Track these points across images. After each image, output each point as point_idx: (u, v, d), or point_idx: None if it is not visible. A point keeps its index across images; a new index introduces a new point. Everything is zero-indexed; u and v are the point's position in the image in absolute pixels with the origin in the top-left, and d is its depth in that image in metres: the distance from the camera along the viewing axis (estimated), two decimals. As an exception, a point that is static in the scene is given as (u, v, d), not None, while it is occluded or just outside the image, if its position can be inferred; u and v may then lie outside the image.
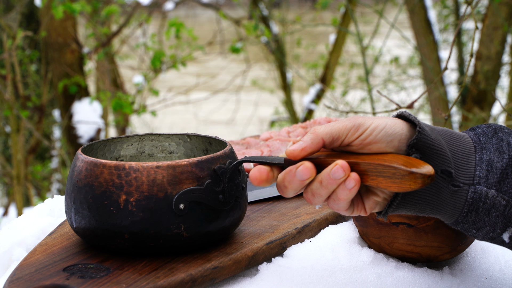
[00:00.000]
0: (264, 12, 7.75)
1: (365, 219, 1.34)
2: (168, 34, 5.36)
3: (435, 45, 6.42)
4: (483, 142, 1.21)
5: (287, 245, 1.41)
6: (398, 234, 1.36)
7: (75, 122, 5.54)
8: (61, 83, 5.40)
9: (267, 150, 1.99)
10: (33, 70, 7.39)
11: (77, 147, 5.63)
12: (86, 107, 5.59)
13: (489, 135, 1.22)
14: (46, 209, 1.73)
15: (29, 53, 5.71)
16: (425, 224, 1.35)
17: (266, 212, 1.54)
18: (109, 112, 8.05)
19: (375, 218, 1.34)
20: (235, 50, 5.84)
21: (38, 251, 1.35)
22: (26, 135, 7.11)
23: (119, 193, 1.26)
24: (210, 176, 1.29)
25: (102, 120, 5.75)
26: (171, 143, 1.55)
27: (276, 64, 8.50)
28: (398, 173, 1.15)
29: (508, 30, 4.13)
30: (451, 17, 8.73)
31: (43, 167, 7.91)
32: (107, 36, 5.97)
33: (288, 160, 1.27)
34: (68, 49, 5.46)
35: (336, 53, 6.90)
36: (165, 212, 1.26)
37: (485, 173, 1.18)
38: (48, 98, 6.09)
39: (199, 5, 11.83)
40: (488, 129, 1.23)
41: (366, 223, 1.35)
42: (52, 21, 5.30)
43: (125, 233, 1.26)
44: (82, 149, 1.38)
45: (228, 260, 1.29)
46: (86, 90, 5.69)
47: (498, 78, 4.59)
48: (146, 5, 8.56)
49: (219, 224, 1.31)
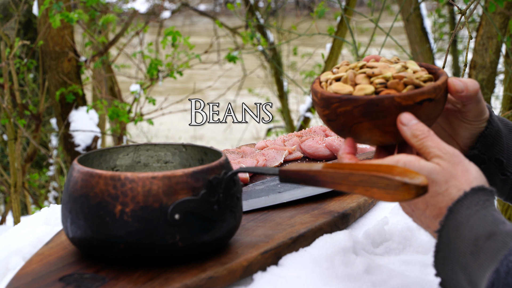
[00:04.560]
0: (260, 20, 7.77)
1: (384, 109, 1.28)
2: (165, 43, 5.37)
3: (430, 54, 6.44)
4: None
5: (281, 254, 1.41)
6: (420, 112, 1.31)
7: (72, 130, 5.55)
8: (58, 91, 5.40)
9: (263, 159, 2.00)
10: (31, 78, 7.39)
11: (74, 155, 5.63)
12: (83, 115, 5.59)
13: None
14: (43, 218, 1.74)
15: (27, 62, 5.71)
16: (441, 94, 1.33)
17: (261, 222, 1.55)
18: (106, 121, 8.07)
19: (398, 104, 1.29)
20: (231, 58, 5.85)
21: (34, 260, 1.35)
22: (24, 143, 7.11)
23: (115, 203, 1.27)
24: (205, 186, 1.30)
25: (98, 128, 5.75)
26: (166, 153, 1.56)
27: (272, 72, 8.51)
28: (392, 184, 1.16)
29: (502, 39, 4.15)
30: (446, 26, 8.76)
31: (40, 175, 7.91)
32: (104, 44, 5.98)
33: (283, 171, 1.29)
34: (65, 57, 5.46)
35: (332, 62, 6.91)
36: (160, 223, 1.27)
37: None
38: (45, 106, 6.09)
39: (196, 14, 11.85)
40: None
41: (385, 112, 1.29)
42: (49, 30, 5.31)
43: (121, 243, 1.27)
44: (78, 159, 1.39)
45: (223, 270, 1.30)
46: (83, 98, 5.69)
47: (493, 87, 4.60)
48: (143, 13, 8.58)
49: (214, 234, 1.32)
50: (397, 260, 1.49)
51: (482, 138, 1.39)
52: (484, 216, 1.16)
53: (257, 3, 8.75)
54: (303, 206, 1.66)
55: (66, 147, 5.67)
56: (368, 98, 1.27)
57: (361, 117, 1.28)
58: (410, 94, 1.28)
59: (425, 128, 1.24)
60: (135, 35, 6.55)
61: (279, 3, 9.96)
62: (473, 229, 1.15)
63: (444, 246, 1.18)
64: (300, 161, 2.06)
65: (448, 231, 1.18)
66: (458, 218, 1.17)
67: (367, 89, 1.29)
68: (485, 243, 1.12)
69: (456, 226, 1.17)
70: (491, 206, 1.18)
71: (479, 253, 1.12)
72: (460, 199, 1.19)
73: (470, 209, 1.17)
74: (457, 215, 1.17)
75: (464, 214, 1.17)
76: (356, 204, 1.69)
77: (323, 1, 5.87)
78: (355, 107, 1.27)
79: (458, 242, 1.15)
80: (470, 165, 1.23)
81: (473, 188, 1.19)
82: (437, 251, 1.20)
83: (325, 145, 2.06)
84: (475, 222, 1.15)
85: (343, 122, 1.30)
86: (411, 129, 1.24)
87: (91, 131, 5.54)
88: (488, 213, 1.17)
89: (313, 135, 2.13)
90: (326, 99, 1.30)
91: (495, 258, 1.09)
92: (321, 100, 1.31)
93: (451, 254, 1.17)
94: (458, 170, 1.21)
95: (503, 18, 4.41)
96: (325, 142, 2.07)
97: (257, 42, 6.05)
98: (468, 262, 1.13)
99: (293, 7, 15.20)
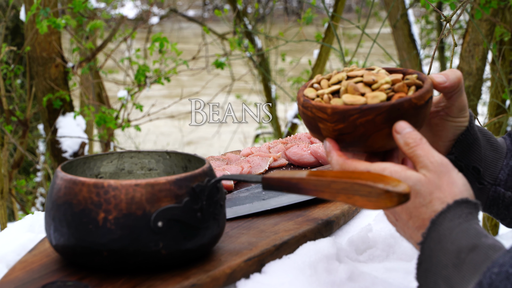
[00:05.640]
0: (248, 27, 7.78)
1: (404, 112, 1.27)
2: (152, 49, 5.37)
3: (418, 60, 6.46)
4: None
5: (265, 262, 1.42)
6: (426, 111, 1.33)
7: (59, 136, 5.53)
8: (46, 97, 5.39)
9: (247, 166, 2.00)
10: (18, 84, 7.37)
11: (61, 162, 5.61)
12: (70, 121, 5.58)
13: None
14: (27, 225, 1.74)
15: (14, 68, 5.69)
16: None
17: (245, 229, 1.56)
18: (93, 127, 8.04)
19: (414, 105, 1.31)
20: (219, 64, 5.85)
21: (17, 268, 1.35)
22: (10, 149, 7.08)
23: (98, 211, 1.27)
24: (189, 194, 1.30)
25: (86, 134, 5.74)
26: (150, 160, 1.56)
27: (260, 78, 8.52)
28: (374, 192, 1.17)
29: (488, 46, 4.17)
30: (434, 32, 8.79)
31: (27, 181, 7.88)
32: (91, 50, 5.97)
33: (266, 179, 1.29)
34: (53, 63, 5.45)
35: (319, 68, 6.93)
36: (143, 230, 1.27)
37: (505, 177, 1.41)
38: (33, 112, 6.07)
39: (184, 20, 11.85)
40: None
41: (404, 115, 1.28)
42: (36, 36, 5.29)
43: (104, 251, 1.27)
44: (61, 166, 1.39)
45: (206, 278, 1.30)
46: (71, 104, 5.68)
47: (479, 94, 4.61)
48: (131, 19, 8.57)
49: (197, 241, 1.32)
50: (380, 267, 1.50)
51: (458, 143, 1.40)
52: (466, 229, 1.16)
53: (245, 9, 8.77)
54: (287, 213, 1.67)
55: (53, 153, 5.65)
56: (389, 104, 1.26)
57: (383, 124, 1.27)
58: (421, 94, 1.28)
59: (417, 136, 1.25)
60: (122, 41, 6.54)
61: (267, 9, 9.98)
62: (456, 241, 1.15)
63: (427, 258, 1.18)
64: (285, 168, 2.07)
65: (430, 243, 1.18)
66: (441, 231, 1.17)
67: (381, 96, 1.28)
68: (467, 256, 1.13)
69: (438, 239, 1.17)
70: (473, 219, 1.19)
71: (462, 266, 1.13)
72: (443, 211, 1.19)
73: (452, 221, 1.18)
74: (440, 227, 1.18)
75: (447, 226, 1.18)
76: (340, 211, 1.69)
77: (310, 7, 5.87)
78: (377, 115, 1.25)
79: (441, 255, 1.16)
80: (458, 177, 1.23)
81: (456, 201, 1.20)
82: (419, 263, 1.20)
83: (310, 152, 2.06)
84: (457, 234, 1.16)
85: (362, 133, 1.27)
86: (404, 137, 1.25)
87: (78, 137, 5.53)
88: (471, 226, 1.17)
89: (298, 142, 2.13)
90: (342, 112, 1.26)
91: (478, 271, 1.10)
92: (334, 114, 1.27)
93: (433, 267, 1.17)
94: (444, 182, 1.22)
95: (489, 25, 4.44)
96: (310, 149, 2.07)
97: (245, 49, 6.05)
98: (450, 275, 1.14)
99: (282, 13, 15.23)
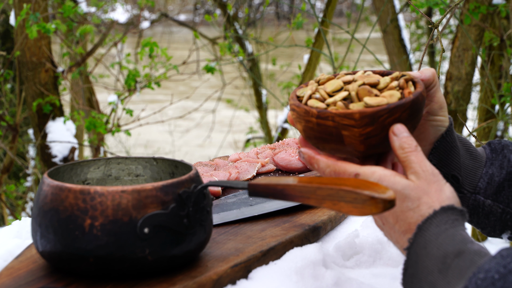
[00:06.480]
0: (239, 31, 7.78)
1: (421, 106, 1.31)
2: (142, 54, 5.37)
3: (408, 65, 6.48)
4: (493, 158, 1.43)
5: (252, 267, 1.42)
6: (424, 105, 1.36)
7: (49, 141, 5.52)
8: (35, 102, 5.37)
9: (235, 171, 2.00)
10: (8, 89, 7.36)
11: (51, 166, 5.60)
12: (60, 126, 5.57)
13: (498, 151, 1.44)
14: (14, 231, 1.74)
15: (3, 72, 5.68)
16: None
17: (232, 235, 1.56)
18: (84, 132, 8.03)
19: (423, 99, 1.34)
20: (209, 69, 5.85)
21: (4, 274, 1.35)
22: (0, 154, 7.07)
23: (84, 217, 1.27)
24: (175, 200, 1.30)
25: (76, 139, 5.72)
26: (137, 166, 1.56)
27: (251, 83, 8.53)
28: (359, 198, 1.17)
29: (477, 51, 4.19)
30: (424, 37, 8.81)
31: (17, 186, 7.86)
32: (81, 55, 5.97)
33: (252, 185, 1.29)
34: (43, 68, 5.44)
35: (310, 73, 6.94)
36: (129, 236, 1.27)
37: (485, 185, 1.42)
38: (22, 117, 6.06)
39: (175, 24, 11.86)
40: (498, 146, 1.44)
41: (420, 110, 1.32)
42: (26, 41, 5.28)
43: (90, 257, 1.27)
44: (48, 172, 1.39)
45: (193, 284, 1.30)
46: (61, 109, 5.66)
47: (468, 99, 4.63)
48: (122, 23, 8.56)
49: (184, 247, 1.32)
50: (367, 273, 1.50)
51: (435, 149, 1.41)
52: (452, 234, 1.17)
53: (236, 14, 8.78)
54: (274, 219, 1.67)
55: (43, 158, 5.64)
56: (411, 99, 1.28)
57: (407, 121, 1.29)
58: (423, 89, 1.32)
59: (413, 143, 1.26)
60: (113, 46, 6.54)
61: (258, 14, 9.99)
62: (442, 247, 1.16)
63: (413, 263, 1.19)
64: (273, 174, 2.07)
65: (416, 248, 1.19)
66: (427, 236, 1.18)
67: (396, 94, 1.29)
68: (453, 261, 1.13)
69: (424, 244, 1.18)
70: (460, 225, 1.19)
71: (447, 271, 1.13)
72: (430, 217, 1.20)
73: (439, 227, 1.18)
74: (426, 232, 1.18)
75: (433, 232, 1.18)
76: (327, 217, 1.70)
77: (300, 12, 5.88)
78: (403, 112, 1.27)
79: (426, 260, 1.16)
80: (446, 186, 1.24)
81: (443, 207, 1.21)
82: (405, 269, 1.20)
83: (298, 158, 2.07)
84: (443, 240, 1.16)
85: (388, 133, 1.29)
86: (400, 141, 1.25)
87: (68, 142, 5.51)
88: (457, 232, 1.18)
89: (286, 148, 2.14)
90: (372, 115, 1.25)
91: (463, 276, 1.10)
92: (363, 118, 1.26)
93: (419, 272, 1.17)
94: (432, 189, 1.23)
95: (478, 30, 4.46)
96: (298, 154, 2.08)
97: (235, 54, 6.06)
98: (436, 280, 1.14)
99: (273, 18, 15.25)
